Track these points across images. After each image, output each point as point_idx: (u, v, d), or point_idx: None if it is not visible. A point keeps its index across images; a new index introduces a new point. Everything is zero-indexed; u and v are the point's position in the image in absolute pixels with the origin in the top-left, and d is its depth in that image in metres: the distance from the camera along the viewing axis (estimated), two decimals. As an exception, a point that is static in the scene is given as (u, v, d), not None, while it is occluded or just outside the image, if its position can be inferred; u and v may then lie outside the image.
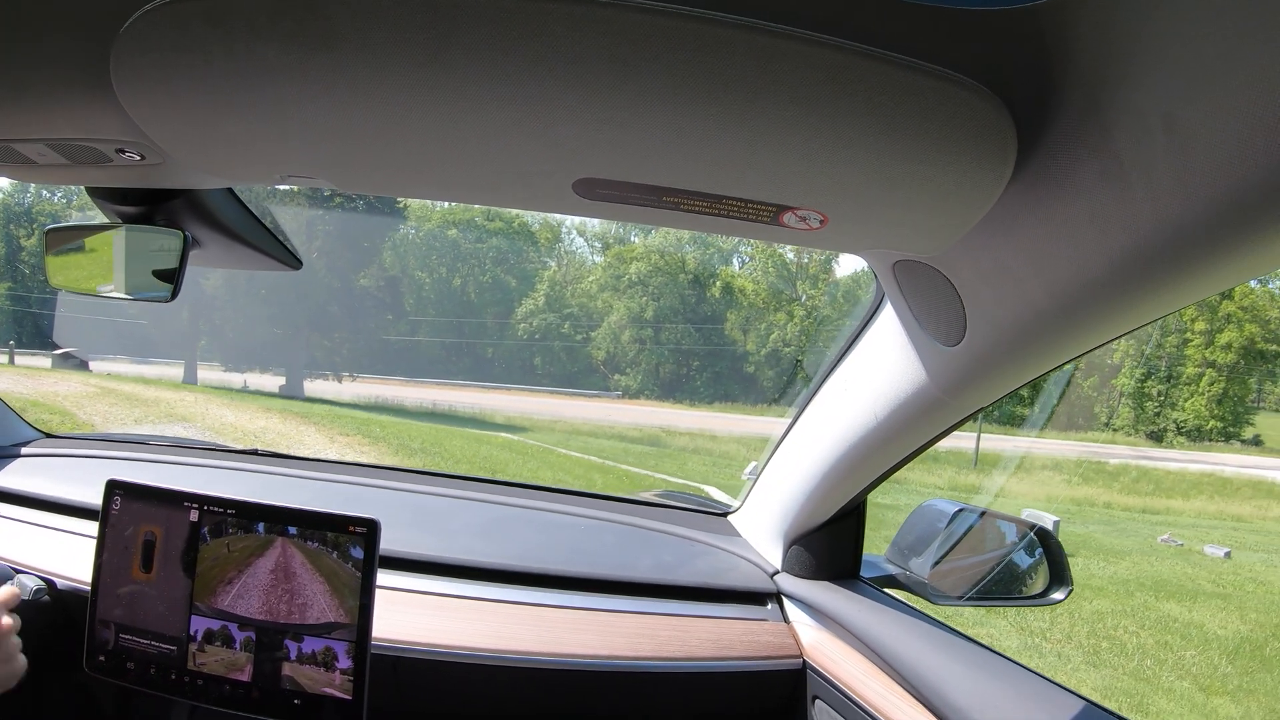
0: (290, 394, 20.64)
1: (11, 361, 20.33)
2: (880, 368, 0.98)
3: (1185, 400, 22.83)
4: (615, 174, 0.62)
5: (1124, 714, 0.98)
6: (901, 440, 1.03)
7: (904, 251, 0.75)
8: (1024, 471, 16.32)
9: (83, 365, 20.76)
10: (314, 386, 22.89)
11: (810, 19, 0.47)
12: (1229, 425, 22.69)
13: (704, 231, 0.71)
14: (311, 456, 1.77)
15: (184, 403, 14.36)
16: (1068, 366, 0.79)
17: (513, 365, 28.92)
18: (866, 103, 0.50)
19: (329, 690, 1.04)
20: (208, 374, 22.65)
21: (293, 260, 1.10)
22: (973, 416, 0.94)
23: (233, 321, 23.57)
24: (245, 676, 1.06)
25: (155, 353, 23.76)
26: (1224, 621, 7.47)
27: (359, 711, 1.03)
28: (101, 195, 0.91)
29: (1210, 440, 22.22)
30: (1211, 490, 15.55)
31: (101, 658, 1.10)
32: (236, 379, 22.51)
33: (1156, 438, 22.85)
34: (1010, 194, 0.58)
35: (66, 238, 0.99)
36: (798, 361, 24.41)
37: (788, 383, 24.71)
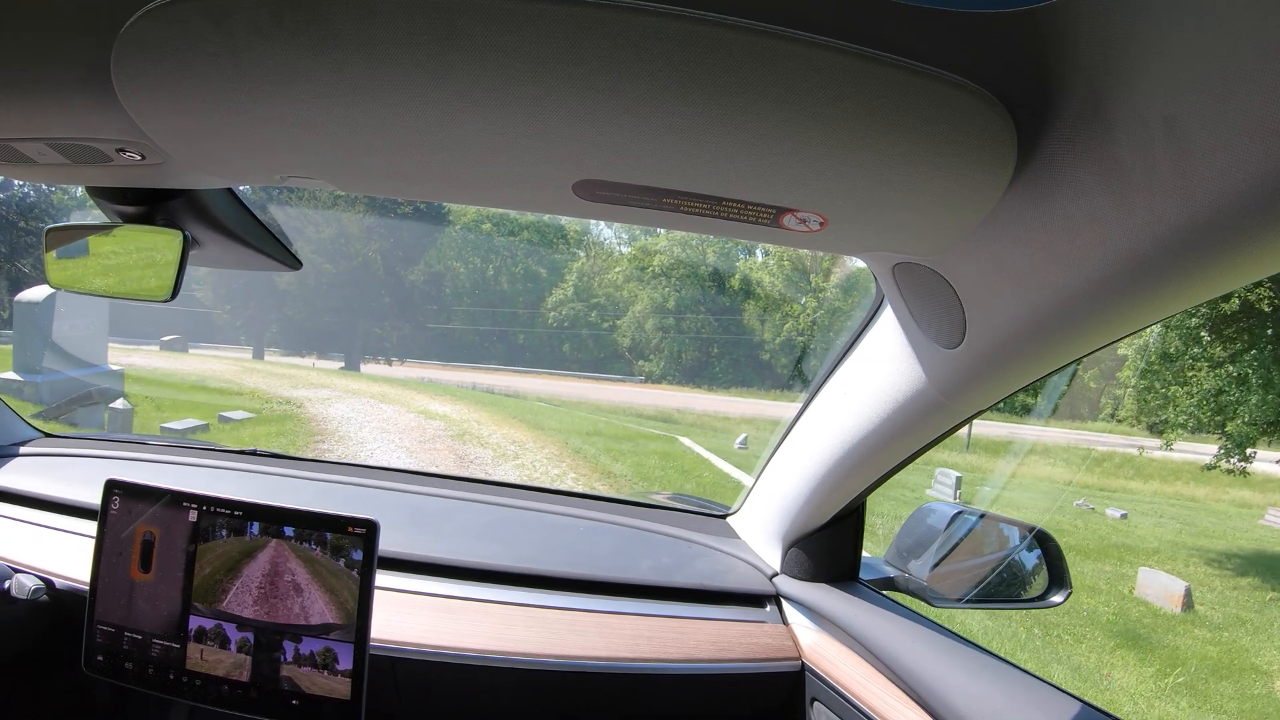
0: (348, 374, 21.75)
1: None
2: (879, 370, 0.97)
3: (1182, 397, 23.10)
4: (615, 176, 0.61)
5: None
6: (900, 443, 1.02)
7: (903, 253, 0.74)
8: (1010, 454, 16.87)
9: (184, 349, 22.03)
10: (367, 368, 24.22)
11: (810, 21, 0.46)
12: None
13: (704, 233, 0.70)
14: (309, 457, 1.80)
15: (311, 376, 17.22)
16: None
17: (543, 351, 30.02)
18: (866, 105, 0.50)
19: (328, 691, 1.03)
20: (271, 357, 24.02)
21: (292, 260, 1.09)
22: (971, 419, 0.94)
23: (300, 310, 25.13)
24: (243, 677, 1.05)
25: (222, 338, 25.30)
26: (1038, 542, 8.49)
27: (357, 712, 1.03)
28: (101, 195, 0.91)
29: (1207, 433, 22.55)
30: (1188, 477, 15.75)
31: (100, 658, 1.09)
32: (299, 361, 23.55)
33: (1158, 430, 23.27)
34: (1010, 196, 0.58)
35: (66, 237, 0.97)
36: (809, 350, 25.55)
37: (800, 369, 25.81)
